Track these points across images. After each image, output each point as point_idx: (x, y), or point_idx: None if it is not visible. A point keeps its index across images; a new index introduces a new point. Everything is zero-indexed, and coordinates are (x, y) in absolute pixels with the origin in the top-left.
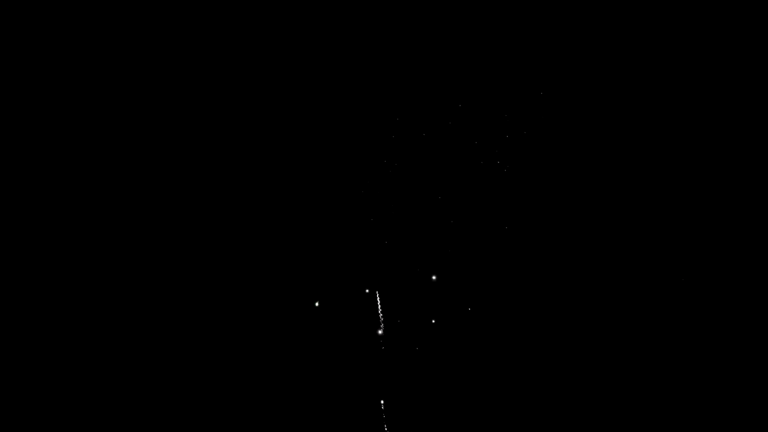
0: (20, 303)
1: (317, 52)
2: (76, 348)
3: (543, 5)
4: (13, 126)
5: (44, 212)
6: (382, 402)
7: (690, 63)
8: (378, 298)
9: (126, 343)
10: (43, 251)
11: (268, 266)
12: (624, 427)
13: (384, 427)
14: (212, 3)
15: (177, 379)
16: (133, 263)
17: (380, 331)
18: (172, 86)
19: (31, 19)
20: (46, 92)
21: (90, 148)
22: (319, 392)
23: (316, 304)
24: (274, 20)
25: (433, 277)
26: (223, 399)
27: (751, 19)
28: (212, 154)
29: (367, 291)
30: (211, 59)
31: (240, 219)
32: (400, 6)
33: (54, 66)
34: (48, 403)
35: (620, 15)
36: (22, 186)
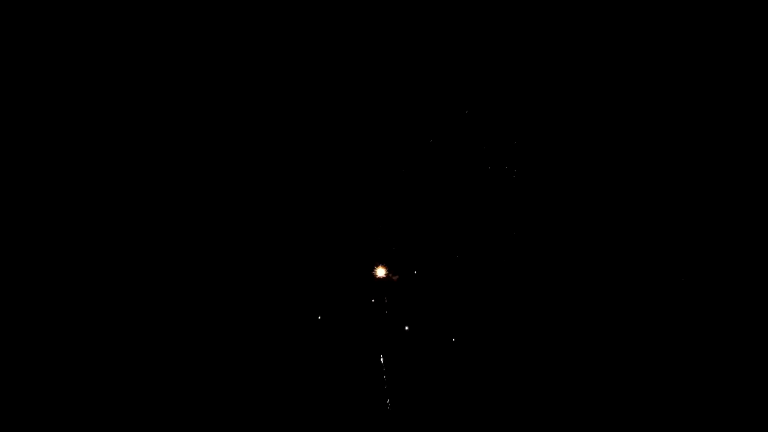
0: (20, 303)
1: (326, 61)
2: (76, 349)
3: (550, 13)
4: (13, 126)
5: (44, 212)
6: (387, 403)
7: (696, 73)
8: (385, 305)
9: (136, 348)
10: (43, 251)
11: (276, 273)
12: (624, 427)
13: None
14: (233, 4)
15: (183, 381)
16: (139, 268)
17: (383, 338)
18: (192, 94)
19: (31, 19)
20: (46, 92)
21: (90, 148)
22: (321, 394)
23: (319, 317)
24: (286, 32)
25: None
26: (230, 401)
27: (751, 19)
28: (223, 164)
29: (373, 300)
30: (223, 69)
31: (249, 226)
32: (410, 15)
33: (54, 66)
34: (48, 403)
35: (628, 22)
36: (22, 186)
